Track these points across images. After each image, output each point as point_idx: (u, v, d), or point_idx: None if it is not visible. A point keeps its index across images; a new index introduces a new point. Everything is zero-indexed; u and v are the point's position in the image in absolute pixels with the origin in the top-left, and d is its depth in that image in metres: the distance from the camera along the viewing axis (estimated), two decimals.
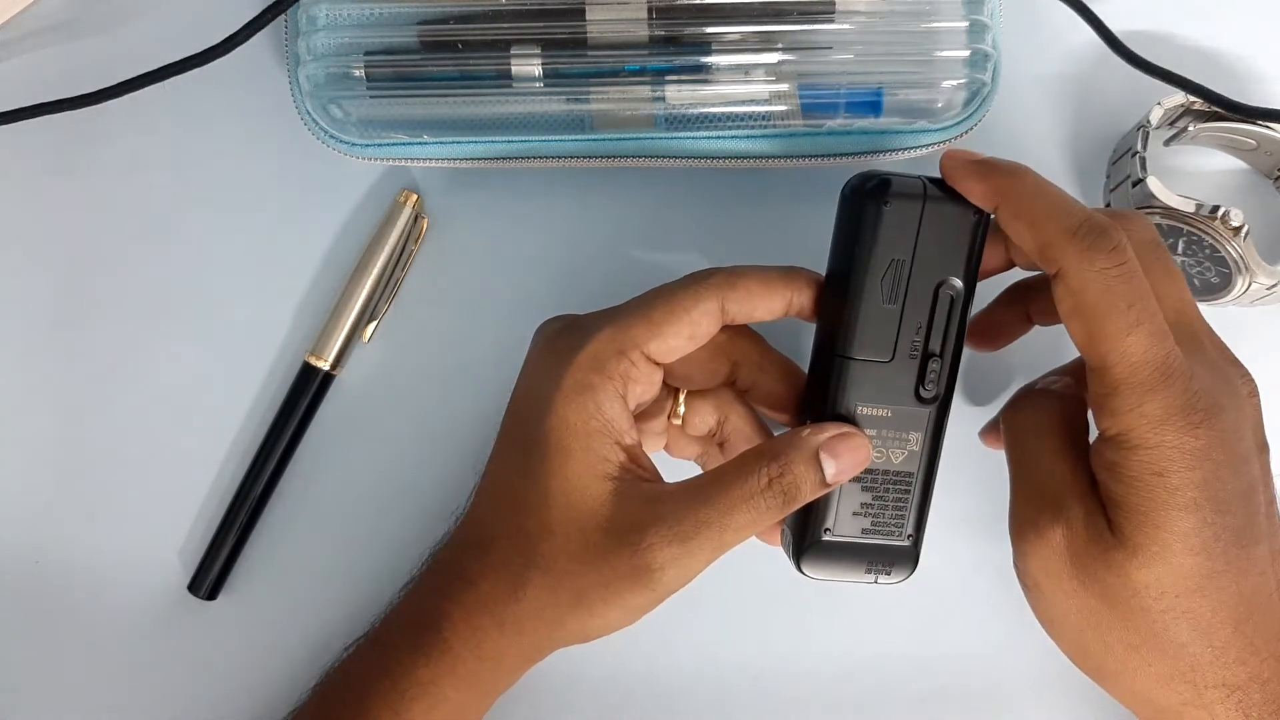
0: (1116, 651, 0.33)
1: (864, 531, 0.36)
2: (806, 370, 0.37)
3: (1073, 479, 0.34)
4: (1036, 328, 0.40)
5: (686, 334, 0.35)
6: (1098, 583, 0.33)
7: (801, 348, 0.40)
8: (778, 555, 0.37)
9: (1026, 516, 0.34)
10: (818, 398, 0.36)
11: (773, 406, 0.38)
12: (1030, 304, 0.39)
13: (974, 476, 0.41)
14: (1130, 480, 0.32)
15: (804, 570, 0.36)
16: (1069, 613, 0.34)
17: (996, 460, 0.38)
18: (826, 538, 0.36)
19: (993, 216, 0.34)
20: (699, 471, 0.40)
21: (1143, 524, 0.32)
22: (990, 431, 0.42)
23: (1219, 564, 0.32)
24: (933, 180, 0.34)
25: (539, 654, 0.37)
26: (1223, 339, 0.35)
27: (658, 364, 0.36)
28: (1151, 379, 0.31)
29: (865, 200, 0.34)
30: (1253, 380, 0.34)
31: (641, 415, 0.39)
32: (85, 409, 0.45)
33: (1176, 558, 0.32)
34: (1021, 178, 0.33)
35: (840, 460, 0.34)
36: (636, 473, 0.35)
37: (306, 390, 0.44)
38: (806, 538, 0.36)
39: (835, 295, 0.35)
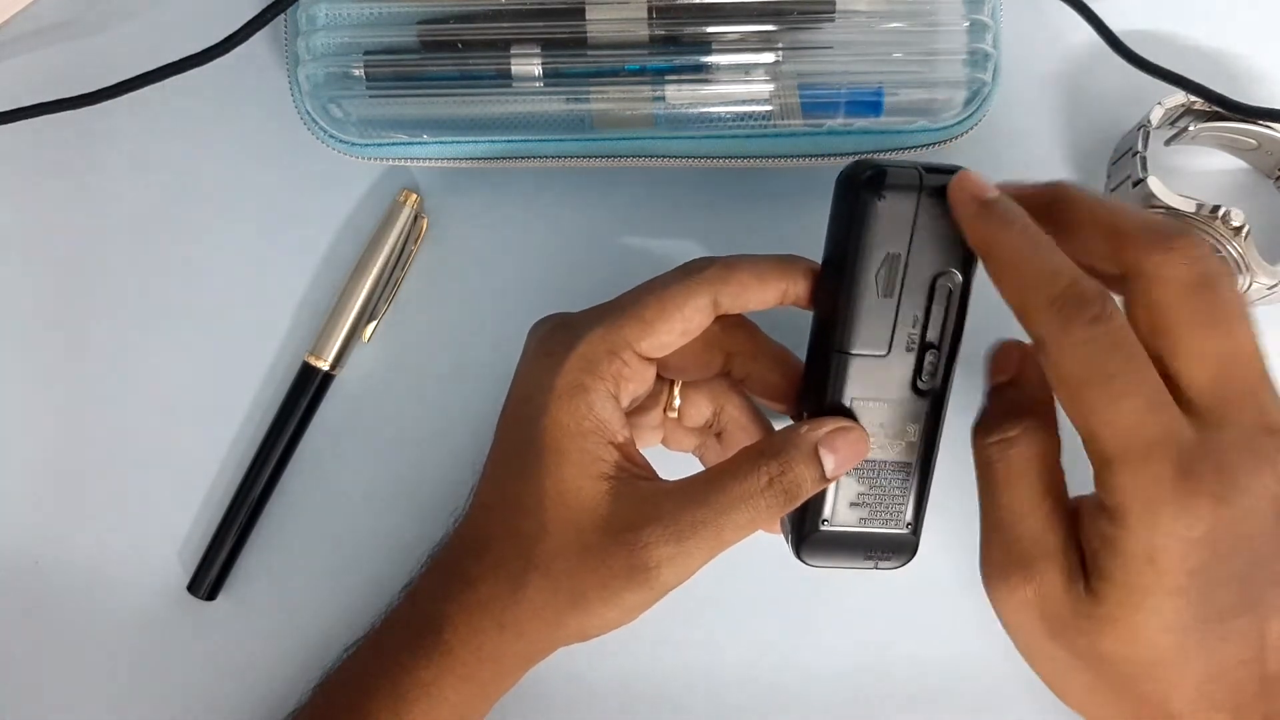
0: (1092, 695, 0.33)
1: (862, 521, 0.36)
2: (802, 358, 0.37)
3: (1048, 535, 0.32)
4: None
5: (679, 330, 0.35)
6: (1066, 641, 0.32)
7: (798, 333, 0.39)
8: (777, 555, 0.37)
9: (997, 567, 0.33)
10: (815, 391, 0.36)
11: (769, 396, 0.38)
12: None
13: (974, 472, 0.41)
14: (1121, 556, 0.30)
15: (804, 559, 0.36)
16: (1040, 659, 0.33)
17: None
18: (825, 528, 0.35)
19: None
20: (698, 464, 0.40)
21: (1123, 601, 0.30)
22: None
23: (1192, 640, 0.30)
24: (929, 168, 0.34)
25: (539, 654, 0.37)
26: None
27: (650, 360, 0.36)
28: (1145, 455, 0.29)
29: (860, 191, 0.33)
30: None
31: (637, 409, 0.39)
32: (85, 409, 0.45)
33: (1150, 635, 0.30)
34: (1013, 231, 0.31)
35: (839, 455, 0.34)
36: (632, 471, 0.35)
37: (306, 390, 0.44)
38: (805, 528, 0.36)
39: (830, 287, 0.35)
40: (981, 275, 0.35)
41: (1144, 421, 0.29)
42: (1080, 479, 0.33)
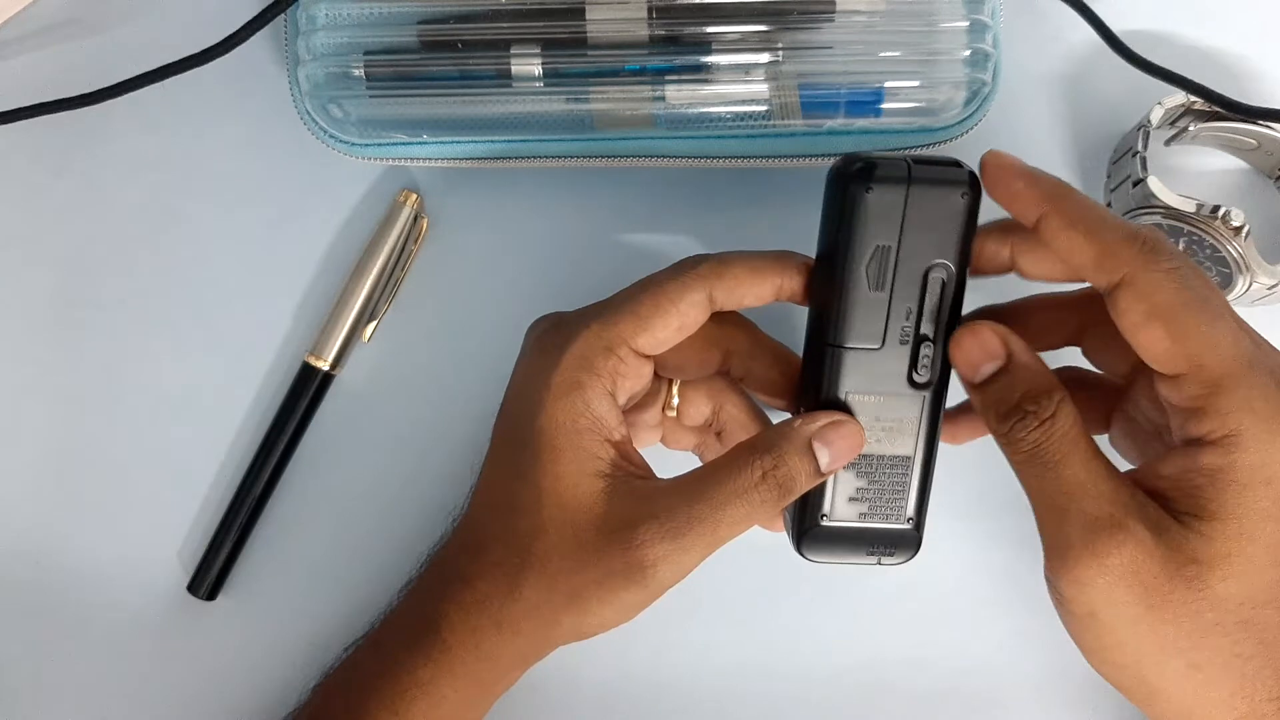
0: (1175, 674, 0.31)
1: (861, 516, 0.36)
2: (800, 355, 0.37)
3: (1124, 492, 0.31)
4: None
5: (675, 326, 0.35)
6: (1169, 604, 0.30)
7: (795, 330, 0.39)
8: (777, 554, 0.37)
9: (1078, 546, 0.31)
10: (810, 386, 0.36)
11: (768, 393, 0.38)
12: (1083, 343, 0.38)
13: (974, 472, 0.41)
14: (1234, 485, 0.30)
15: (805, 555, 0.36)
16: (1128, 640, 0.32)
17: (998, 455, 0.37)
18: (824, 523, 0.35)
19: (980, 201, 0.33)
20: (698, 463, 0.40)
21: (1234, 535, 0.30)
22: (953, 424, 0.39)
23: None
24: (918, 161, 0.34)
25: (537, 653, 0.37)
26: None
27: (647, 357, 0.36)
28: (1251, 372, 0.30)
29: (849, 184, 0.33)
30: None
31: (635, 407, 0.39)
32: (85, 409, 0.45)
33: (1260, 570, 0.30)
34: (1068, 186, 0.32)
35: (833, 448, 0.34)
36: (628, 469, 0.35)
37: (306, 390, 0.44)
38: (804, 524, 0.36)
39: (823, 282, 0.35)
40: (984, 286, 0.35)
41: (1241, 339, 0.30)
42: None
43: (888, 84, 0.40)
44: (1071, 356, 0.38)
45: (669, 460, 0.40)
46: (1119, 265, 0.31)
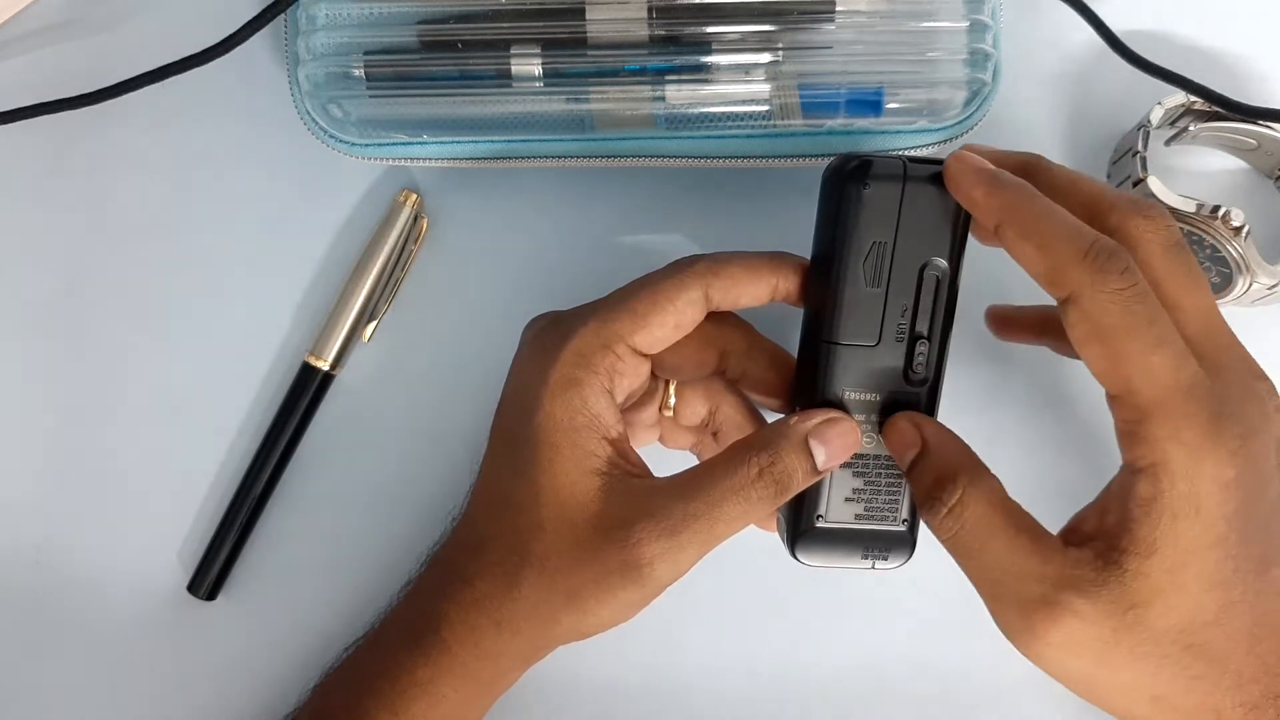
0: (1142, 707, 0.32)
1: (857, 517, 0.36)
2: (796, 356, 0.37)
3: (1049, 566, 0.31)
4: None
5: (672, 324, 0.35)
6: (1117, 655, 0.31)
7: (791, 332, 0.39)
8: (776, 554, 0.37)
9: (1018, 624, 0.32)
10: (806, 384, 0.36)
11: (765, 394, 0.38)
12: (1052, 336, 0.39)
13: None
14: (1165, 515, 0.30)
15: (799, 558, 0.36)
16: (1092, 689, 0.33)
17: (997, 453, 0.36)
18: (820, 524, 0.35)
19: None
20: (695, 463, 0.40)
21: (1168, 568, 0.30)
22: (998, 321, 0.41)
23: (1235, 594, 0.31)
24: (914, 160, 0.34)
25: (537, 653, 0.37)
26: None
27: (644, 355, 0.36)
28: (1182, 402, 0.30)
29: (845, 182, 0.34)
30: (1277, 393, 0.32)
31: (632, 407, 0.39)
32: (85, 409, 0.45)
33: (1196, 596, 0.31)
34: (1028, 196, 0.32)
35: (830, 446, 0.34)
36: (625, 468, 0.35)
37: (306, 390, 0.44)
38: (800, 525, 0.36)
39: (819, 280, 0.35)
40: (969, 266, 0.35)
41: (1179, 367, 0.30)
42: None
43: (888, 84, 0.40)
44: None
45: (666, 460, 0.40)
46: (1067, 283, 0.31)
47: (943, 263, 0.34)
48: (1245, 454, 0.30)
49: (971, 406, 0.42)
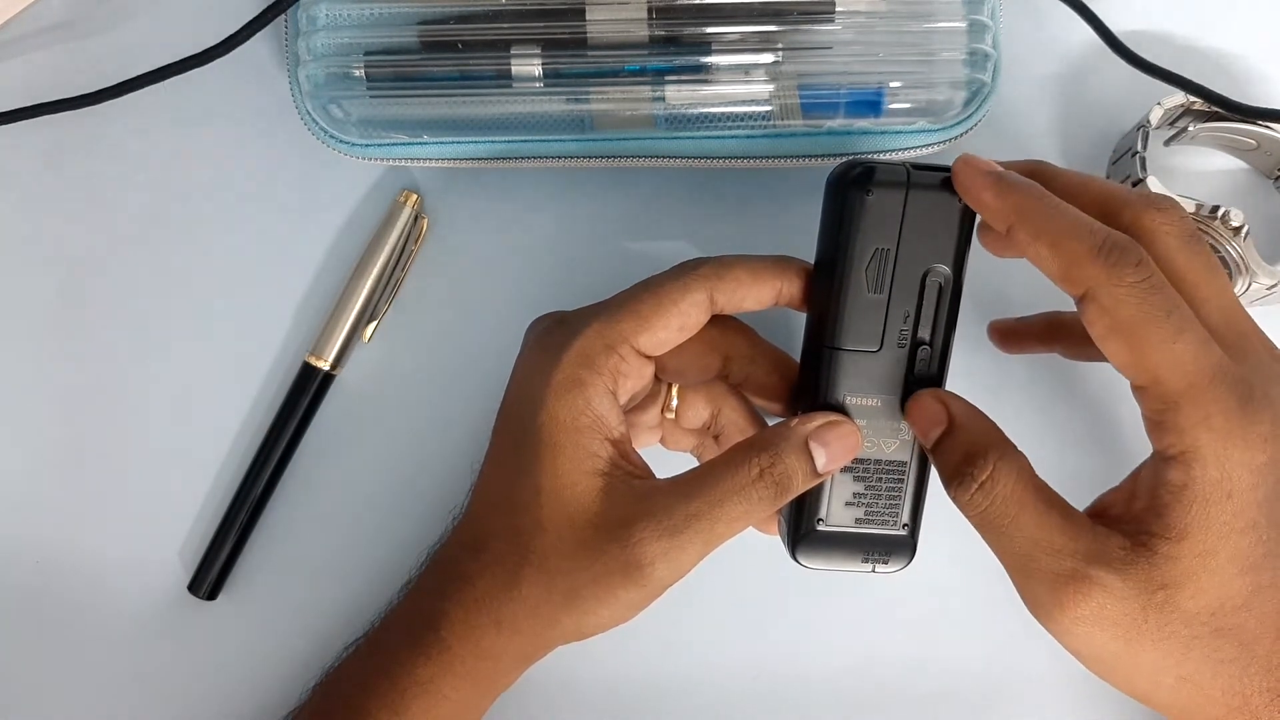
0: (1167, 688, 0.32)
1: (857, 521, 0.36)
2: (798, 361, 0.37)
3: (1079, 541, 0.32)
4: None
5: (676, 326, 0.35)
6: (1146, 633, 0.31)
7: (794, 337, 0.40)
8: (776, 555, 0.37)
9: (1047, 600, 0.32)
10: (808, 389, 0.36)
11: (766, 397, 0.38)
12: (1061, 340, 0.39)
13: None
14: (1197, 501, 0.30)
15: (800, 560, 0.36)
16: (1117, 667, 0.33)
17: None
18: (820, 528, 0.36)
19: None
20: (695, 465, 0.40)
21: (1199, 552, 0.30)
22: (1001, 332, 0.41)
23: (1265, 578, 0.31)
24: (917, 166, 0.34)
25: (537, 652, 0.37)
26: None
27: (648, 357, 0.36)
28: (1210, 388, 0.30)
29: (848, 189, 0.34)
30: None
31: (635, 409, 0.39)
32: (85, 409, 0.45)
33: (1227, 581, 0.31)
34: (1037, 196, 0.32)
35: (830, 449, 0.34)
36: (626, 469, 0.35)
37: (306, 390, 0.44)
38: (800, 528, 0.36)
39: (822, 285, 0.35)
40: (971, 272, 0.35)
41: (1203, 354, 0.30)
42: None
43: (887, 84, 0.40)
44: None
45: (667, 462, 0.40)
46: (1083, 280, 0.31)
47: (945, 269, 0.34)
48: (1276, 438, 0.30)
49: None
